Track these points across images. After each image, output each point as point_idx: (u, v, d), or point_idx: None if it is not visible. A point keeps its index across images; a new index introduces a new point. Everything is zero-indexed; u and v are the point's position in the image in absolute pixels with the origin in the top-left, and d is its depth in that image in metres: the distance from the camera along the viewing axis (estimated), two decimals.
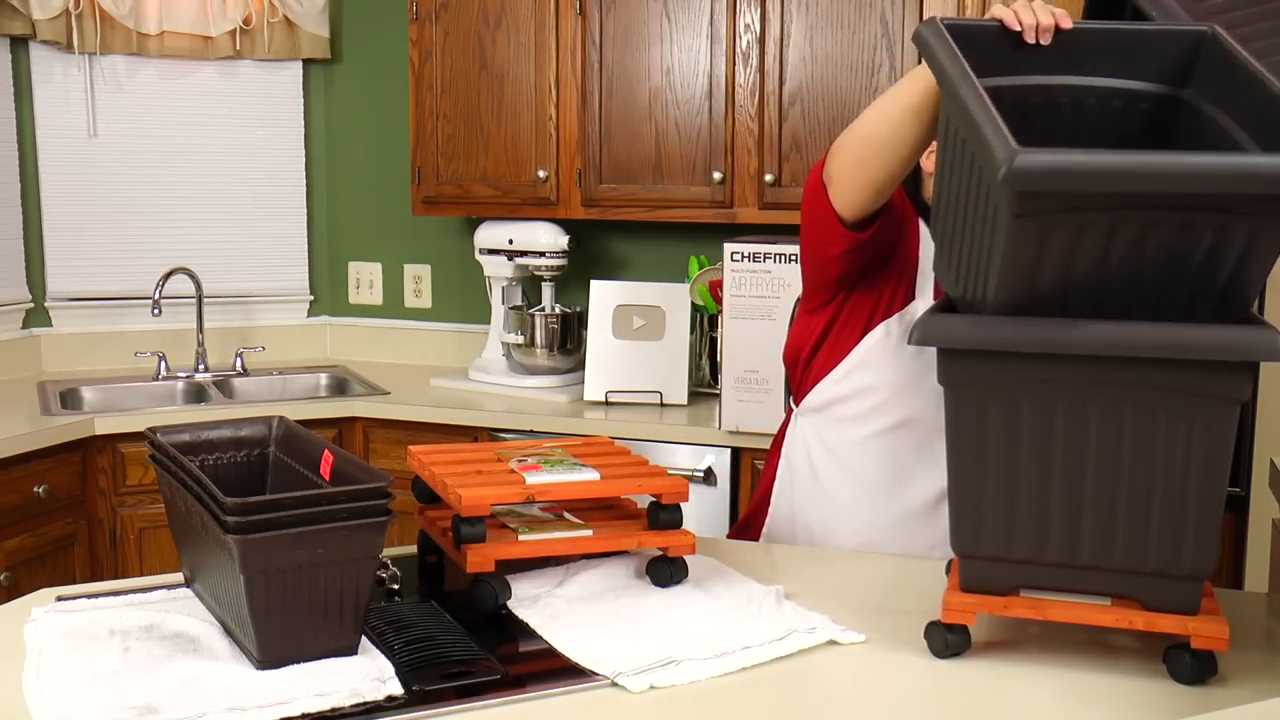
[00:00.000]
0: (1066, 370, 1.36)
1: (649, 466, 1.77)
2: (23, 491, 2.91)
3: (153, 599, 1.63)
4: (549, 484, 1.64)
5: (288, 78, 4.00)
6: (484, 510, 1.58)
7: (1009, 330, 1.36)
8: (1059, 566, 1.42)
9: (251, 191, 4.01)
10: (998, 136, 1.27)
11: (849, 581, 1.76)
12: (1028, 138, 1.35)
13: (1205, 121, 1.48)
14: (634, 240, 3.77)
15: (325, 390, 3.83)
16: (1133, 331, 1.33)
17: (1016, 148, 1.24)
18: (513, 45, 3.47)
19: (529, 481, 1.63)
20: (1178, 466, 1.35)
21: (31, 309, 3.76)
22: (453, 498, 1.60)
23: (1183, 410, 1.34)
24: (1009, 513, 1.42)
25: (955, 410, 1.42)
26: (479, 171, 3.56)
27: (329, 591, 1.40)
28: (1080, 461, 1.38)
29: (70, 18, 3.59)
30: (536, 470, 1.67)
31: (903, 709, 1.35)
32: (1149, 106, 1.53)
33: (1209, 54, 1.49)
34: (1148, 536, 1.38)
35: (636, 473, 1.73)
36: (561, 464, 1.71)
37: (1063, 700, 1.35)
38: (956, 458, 1.43)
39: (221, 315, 3.97)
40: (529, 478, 1.64)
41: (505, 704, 1.34)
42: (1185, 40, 1.50)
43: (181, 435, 1.67)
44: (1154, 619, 1.40)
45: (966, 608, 1.45)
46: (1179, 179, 1.24)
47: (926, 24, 1.49)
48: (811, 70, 3.14)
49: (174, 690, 1.32)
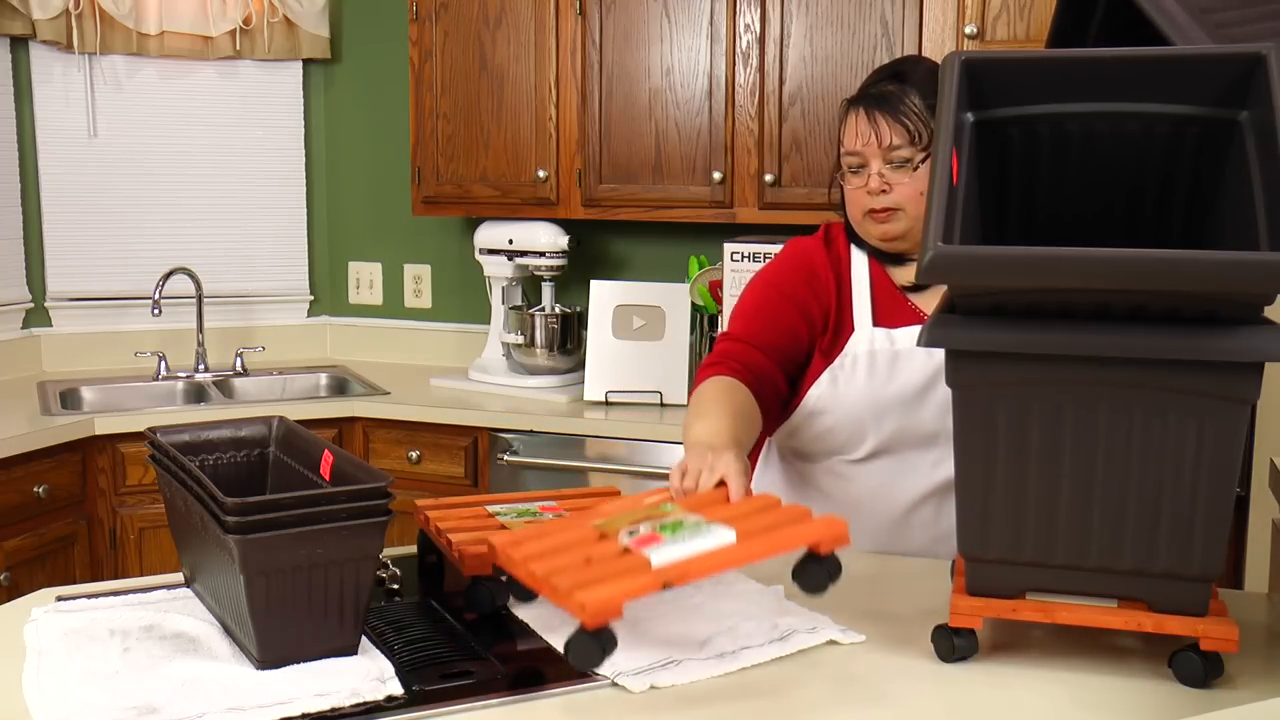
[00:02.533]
0: (1075, 372, 1.35)
1: (785, 508, 1.45)
2: (23, 491, 2.91)
3: (153, 599, 1.63)
4: (683, 561, 1.31)
5: (288, 78, 4.00)
6: (616, 615, 1.25)
7: (1018, 332, 1.36)
8: (1067, 569, 1.42)
9: (251, 191, 4.00)
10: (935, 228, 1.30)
11: (849, 581, 1.75)
12: (1063, 169, 1.37)
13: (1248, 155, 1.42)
14: (634, 240, 3.77)
15: (325, 390, 3.83)
16: (1143, 333, 1.32)
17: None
18: (513, 45, 3.47)
19: (655, 562, 1.30)
20: (1187, 468, 1.35)
21: (31, 309, 3.76)
22: (571, 605, 1.26)
23: (1192, 411, 1.33)
24: (1017, 515, 1.41)
25: (963, 412, 1.41)
26: (479, 171, 3.56)
27: (329, 591, 1.39)
28: (1089, 463, 1.38)
29: (70, 18, 3.59)
30: (656, 542, 1.35)
31: (904, 710, 1.35)
32: (1198, 130, 1.46)
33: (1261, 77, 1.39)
34: (1156, 538, 1.37)
35: (775, 520, 1.41)
36: (682, 527, 1.39)
37: (1065, 701, 1.35)
38: (964, 460, 1.43)
39: (221, 315, 3.97)
40: (653, 556, 1.31)
41: (505, 704, 1.33)
42: (1236, 62, 1.41)
43: (181, 435, 1.67)
44: (1163, 621, 1.39)
45: (974, 611, 1.44)
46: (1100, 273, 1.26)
47: (944, 63, 1.46)
48: (811, 70, 3.14)
49: (174, 690, 1.32)
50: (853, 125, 1.88)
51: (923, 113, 1.84)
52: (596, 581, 1.27)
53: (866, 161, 1.86)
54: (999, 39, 2.74)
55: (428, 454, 3.37)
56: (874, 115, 1.85)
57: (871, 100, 1.86)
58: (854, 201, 1.90)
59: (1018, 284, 1.30)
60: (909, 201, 1.85)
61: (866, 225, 1.90)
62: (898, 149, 1.84)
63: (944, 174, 1.35)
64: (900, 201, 1.85)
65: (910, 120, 1.83)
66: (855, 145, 1.87)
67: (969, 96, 1.47)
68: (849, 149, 1.88)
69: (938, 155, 1.38)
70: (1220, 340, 1.29)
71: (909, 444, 1.88)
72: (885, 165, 1.85)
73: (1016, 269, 1.29)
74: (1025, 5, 2.71)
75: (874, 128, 1.84)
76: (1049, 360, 1.35)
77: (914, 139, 1.83)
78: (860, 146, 1.86)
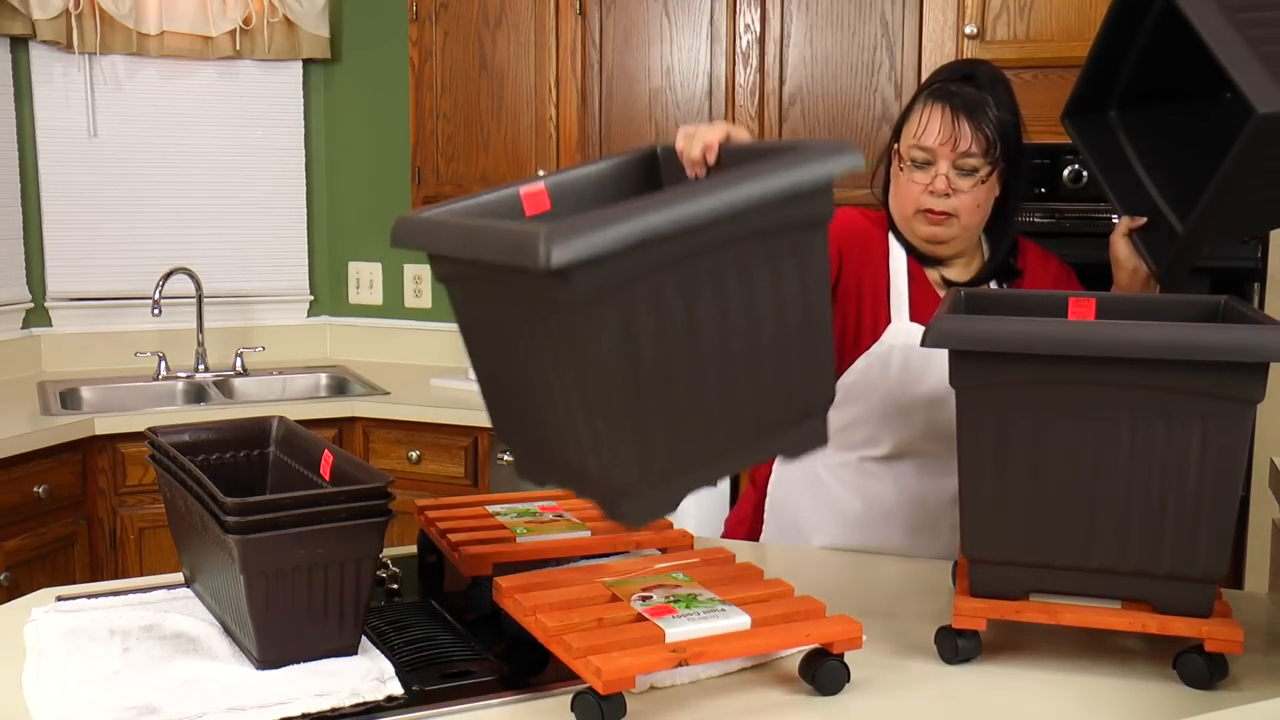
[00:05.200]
0: (1079, 372, 1.35)
1: (798, 600, 1.43)
2: (23, 491, 2.91)
3: (153, 599, 1.62)
4: (699, 640, 1.31)
5: (288, 78, 4.00)
6: (629, 686, 1.26)
7: (1021, 331, 1.35)
8: (1071, 570, 1.41)
9: (251, 191, 4.00)
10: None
11: (850, 581, 1.75)
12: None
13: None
14: None
15: (325, 390, 3.83)
16: (1146, 332, 1.32)
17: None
18: (513, 45, 3.47)
19: (670, 635, 1.31)
20: (1191, 468, 1.34)
21: (31, 309, 3.75)
22: (585, 670, 1.27)
23: (1196, 411, 1.33)
24: (1020, 516, 1.41)
25: (966, 412, 1.41)
26: (479, 171, 3.55)
27: (329, 591, 1.39)
28: (1093, 463, 1.37)
29: (70, 18, 3.59)
30: (671, 615, 1.35)
31: (908, 711, 1.34)
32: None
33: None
34: (1161, 539, 1.37)
35: (790, 611, 1.39)
36: (696, 602, 1.39)
37: (1069, 703, 1.35)
38: (968, 461, 1.42)
39: (221, 315, 3.96)
40: (667, 629, 1.32)
41: (505, 704, 1.33)
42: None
43: (181, 435, 1.67)
44: (1167, 622, 1.38)
45: (977, 613, 1.44)
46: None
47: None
48: (811, 70, 3.14)
49: (174, 690, 1.31)
50: (932, 120, 1.81)
51: (1000, 125, 1.80)
52: (610, 647, 1.28)
53: (935, 160, 1.81)
54: (999, 39, 2.74)
55: (428, 454, 3.37)
56: (958, 117, 1.79)
57: (957, 100, 1.80)
58: (908, 196, 1.85)
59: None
60: (965, 211, 1.82)
61: (915, 223, 1.86)
62: (971, 156, 1.80)
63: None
64: (958, 209, 1.82)
65: (989, 130, 1.79)
66: (929, 141, 1.81)
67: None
68: (921, 144, 1.82)
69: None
70: (1224, 340, 1.29)
71: (938, 445, 1.87)
72: (953, 169, 1.81)
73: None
74: (1025, 5, 2.71)
75: (955, 129, 1.79)
76: (1053, 360, 1.35)
77: (989, 149, 1.80)
78: (935, 144, 1.81)
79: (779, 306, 1.30)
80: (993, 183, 1.83)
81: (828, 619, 1.38)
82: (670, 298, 1.22)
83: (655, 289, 1.20)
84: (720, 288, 1.25)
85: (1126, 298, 1.64)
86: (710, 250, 1.23)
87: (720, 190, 1.21)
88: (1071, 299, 1.60)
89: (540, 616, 1.35)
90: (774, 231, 1.27)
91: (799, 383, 1.35)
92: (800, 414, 1.38)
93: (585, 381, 1.20)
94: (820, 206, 1.31)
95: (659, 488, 1.29)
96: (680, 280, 1.22)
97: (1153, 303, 1.60)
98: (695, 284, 1.23)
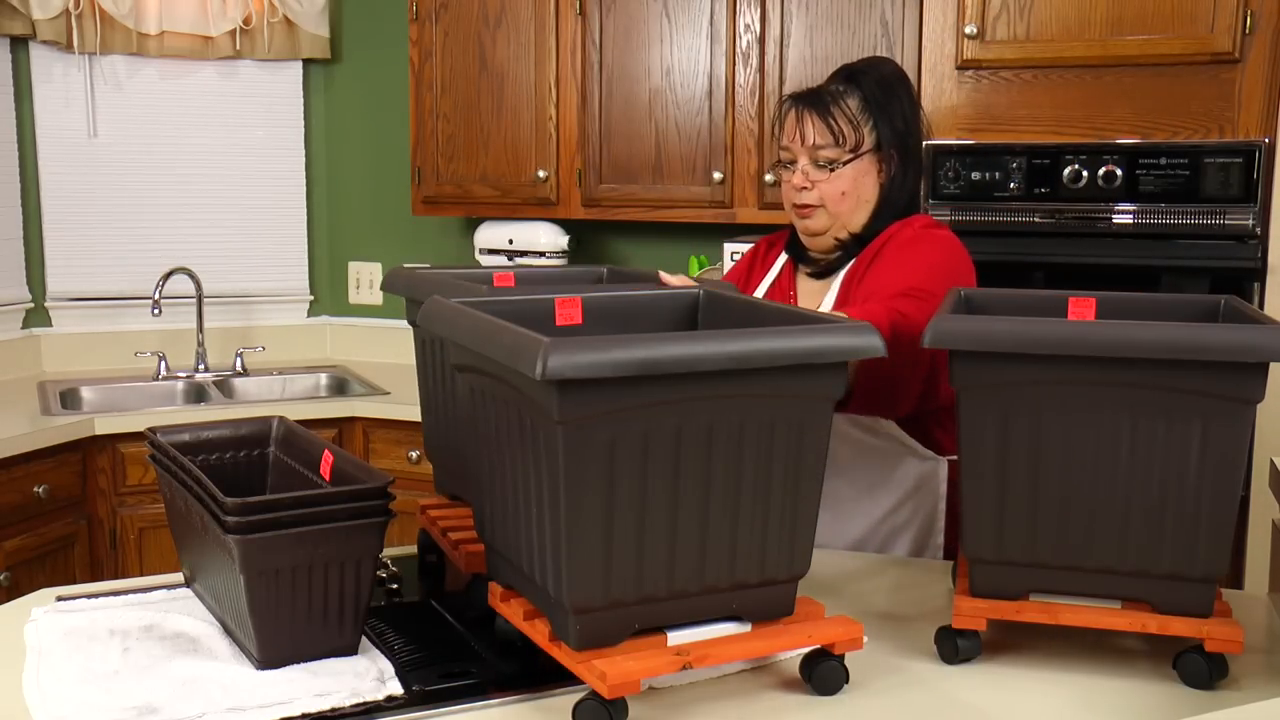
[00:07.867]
0: (1079, 372, 1.35)
1: (800, 601, 1.40)
2: (23, 491, 2.91)
3: (153, 599, 1.62)
4: (701, 644, 1.30)
5: (288, 78, 4.00)
6: (634, 690, 1.24)
7: (1021, 331, 1.35)
8: (1071, 570, 1.41)
9: (251, 191, 4.00)
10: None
11: (850, 582, 1.75)
12: None
13: None
14: (634, 240, 3.77)
15: (325, 390, 3.83)
16: (1146, 332, 1.32)
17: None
18: (513, 45, 3.47)
19: (672, 638, 1.30)
20: (1191, 468, 1.34)
21: (31, 309, 3.75)
22: (588, 674, 1.25)
23: (1196, 411, 1.33)
24: (1021, 516, 1.41)
25: (966, 412, 1.41)
26: (479, 171, 3.55)
27: (329, 591, 1.39)
28: (1093, 464, 1.37)
29: (70, 18, 3.59)
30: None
31: (905, 710, 1.34)
32: None
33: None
34: (1161, 539, 1.37)
35: (793, 615, 1.38)
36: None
37: (1068, 703, 1.35)
38: (968, 461, 1.42)
39: (221, 315, 3.97)
40: (669, 633, 1.30)
41: (505, 704, 1.33)
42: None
43: (181, 435, 1.67)
44: (1167, 622, 1.38)
45: (978, 613, 1.44)
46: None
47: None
48: (811, 70, 3.13)
49: (174, 690, 1.31)
50: (787, 122, 1.95)
51: (856, 116, 1.89)
52: (612, 651, 1.27)
53: (796, 158, 1.94)
54: (999, 39, 2.74)
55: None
56: (803, 114, 1.92)
57: (804, 100, 1.93)
58: (785, 197, 1.99)
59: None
60: (830, 199, 1.91)
61: (794, 220, 1.99)
62: (822, 149, 1.90)
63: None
64: (822, 198, 1.92)
65: (837, 122, 1.89)
66: (785, 141, 1.96)
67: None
68: (781, 144, 1.97)
69: None
70: (1225, 340, 1.29)
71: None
72: (810, 164, 1.92)
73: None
74: (1025, 5, 2.71)
75: (800, 127, 1.92)
76: (1053, 360, 1.35)
77: (838, 141, 1.89)
78: (789, 142, 1.94)
79: (767, 470, 1.30)
80: (860, 170, 1.91)
81: (828, 620, 1.38)
82: (660, 436, 1.22)
83: (645, 425, 1.21)
84: (710, 439, 1.25)
85: (1127, 297, 1.65)
86: (708, 400, 1.23)
87: (729, 341, 1.22)
88: (1071, 299, 1.60)
89: (538, 622, 1.34)
90: (776, 395, 1.27)
91: (774, 548, 1.33)
92: (769, 579, 1.34)
93: (558, 498, 1.21)
94: (828, 384, 1.30)
95: (607, 618, 1.27)
96: (673, 423, 1.23)
97: (1153, 303, 1.61)
98: (687, 429, 1.24)
